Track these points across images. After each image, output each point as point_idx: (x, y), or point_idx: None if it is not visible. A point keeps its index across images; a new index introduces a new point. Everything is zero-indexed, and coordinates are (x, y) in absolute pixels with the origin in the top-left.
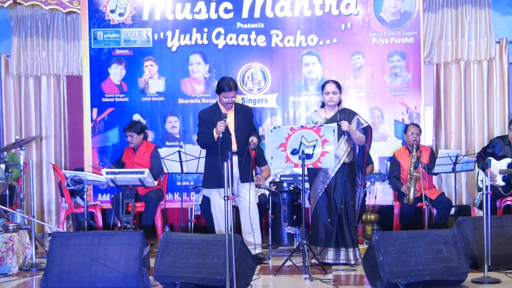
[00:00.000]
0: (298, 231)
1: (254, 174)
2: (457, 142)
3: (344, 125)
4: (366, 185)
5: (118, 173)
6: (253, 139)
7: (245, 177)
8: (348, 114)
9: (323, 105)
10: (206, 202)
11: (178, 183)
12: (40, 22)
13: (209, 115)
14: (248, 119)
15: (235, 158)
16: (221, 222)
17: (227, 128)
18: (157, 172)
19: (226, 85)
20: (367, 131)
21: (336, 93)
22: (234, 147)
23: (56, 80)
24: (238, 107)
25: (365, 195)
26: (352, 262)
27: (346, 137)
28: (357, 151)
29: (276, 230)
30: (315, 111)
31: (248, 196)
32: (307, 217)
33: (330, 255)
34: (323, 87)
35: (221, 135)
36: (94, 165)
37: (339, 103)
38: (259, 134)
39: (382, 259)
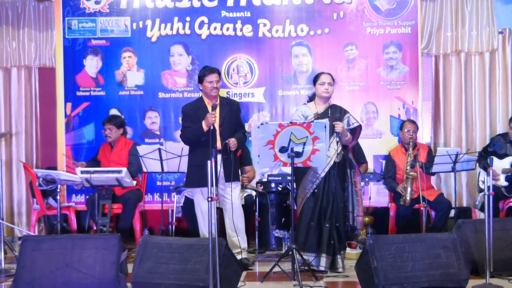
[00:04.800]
0: (286, 235)
1: (240, 174)
2: (457, 139)
3: (339, 126)
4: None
5: (94, 172)
6: (230, 140)
7: (229, 176)
8: (339, 112)
9: (309, 100)
10: (188, 203)
11: (158, 183)
12: (10, 10)
13: (193, 109)
14: (234, 114)
15: (219, 156)
16: (204, 224)
17: None
18: (135, 170)
19: (207, 69)
20: (355, 131)
21: (332, 85)
22: (219, 144)
23: (27, 72)
24: (224, 101)
25: None
26: (323, 269)
27: (338, 139)
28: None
29: (263, 233)
30: (305, 104)
31: (233, 197)
32: (296, 219)
33: (313, 261)
34: (316, 78)
35: (212, 127)
36: (68, 164)
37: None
38: (246, 131)
39: (376, 265)
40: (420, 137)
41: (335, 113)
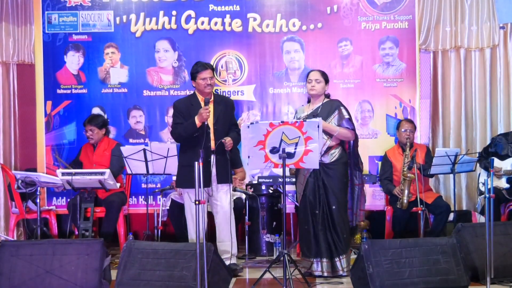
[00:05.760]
0: (278, 240)
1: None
2: (457, 139)
3: None
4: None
5: (76, 174)
6: (225, 139)
7: (222, 178)
8: (329, 108)
9: (309, 100)
10: (174, 206)
11: (143, 186)
12: None
13: (185, 105)
14: (229, 112)
15: (212, 156)
16: (194, 228)
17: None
18: (116, 170)
19: (200, 65)
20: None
21: (320, 82)
22: (212, 143)
23: (5, 69)
24: (217, 98)
25: None
26: (325, 274)
27: (325, 136)
28: (350, 148)
29: (253, 238)
30: (303, 105)
31: (224, 200)
32: (288, 223)
33: (313, 266)
34: (307, 76)
35: (206, 123)
36: (48, 164)
37: (327, 96)
38: (240, 130)
39: (372, 271)
40: (417, 137)
41: (324, 110)
